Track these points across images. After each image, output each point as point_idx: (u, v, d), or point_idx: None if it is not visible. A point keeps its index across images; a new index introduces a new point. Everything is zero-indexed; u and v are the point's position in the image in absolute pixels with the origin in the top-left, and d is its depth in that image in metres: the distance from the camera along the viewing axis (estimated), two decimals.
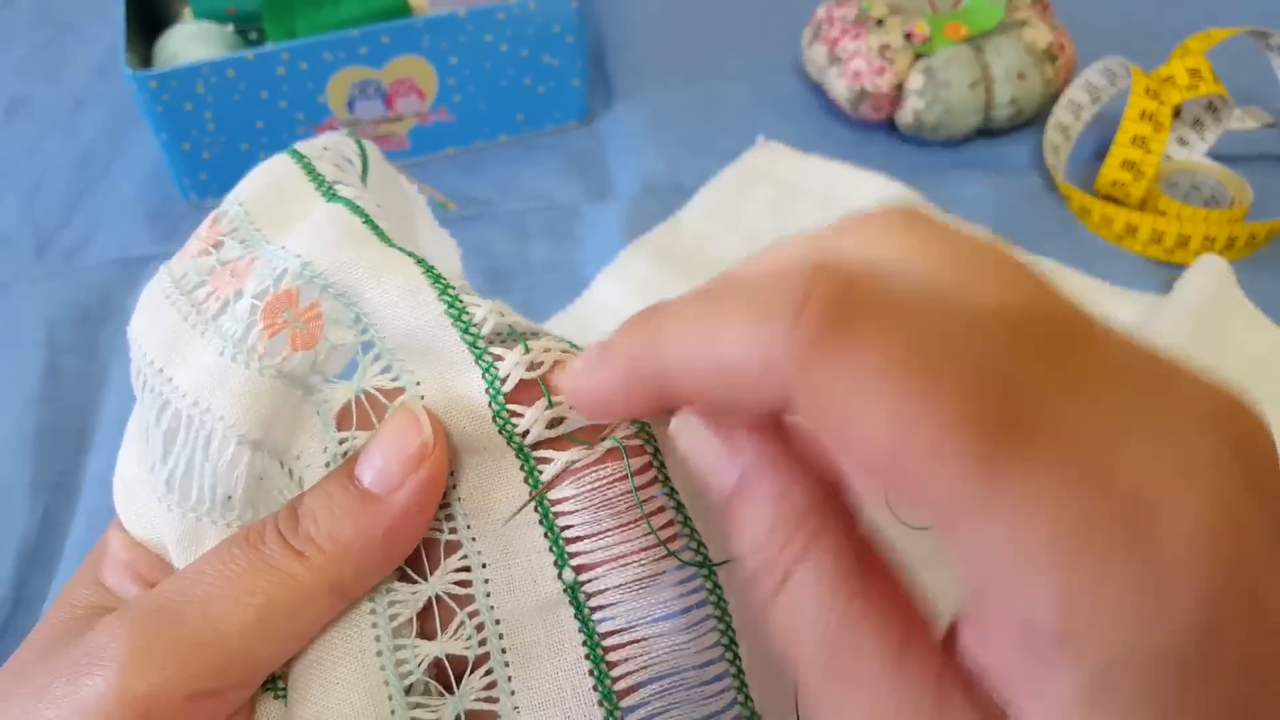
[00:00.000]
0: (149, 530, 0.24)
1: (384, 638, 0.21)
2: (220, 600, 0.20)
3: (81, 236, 0.56)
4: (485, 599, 0.22)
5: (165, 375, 0.22)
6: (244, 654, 0.20)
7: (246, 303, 0.22)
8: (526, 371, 0.21)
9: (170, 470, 0.22)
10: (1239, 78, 0.54)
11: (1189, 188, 0.53)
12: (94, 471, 0.45)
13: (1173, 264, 0.50)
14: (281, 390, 0.22)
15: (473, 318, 0.21)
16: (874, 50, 0.55)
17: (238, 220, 0.24)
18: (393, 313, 0.22)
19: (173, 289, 0.24)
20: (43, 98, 0.66)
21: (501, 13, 0.54)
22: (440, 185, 0.57)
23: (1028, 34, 0.56)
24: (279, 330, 0.22)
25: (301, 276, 0.22)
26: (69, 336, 0.50)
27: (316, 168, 0.25)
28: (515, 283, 0.51)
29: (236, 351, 0.22)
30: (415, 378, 0.22)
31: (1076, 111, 0.56)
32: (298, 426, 0.23)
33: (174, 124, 0.53)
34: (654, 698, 0.21)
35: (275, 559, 0.21)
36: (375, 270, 0.22)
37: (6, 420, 0.46)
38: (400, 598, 0.22)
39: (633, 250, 0.51)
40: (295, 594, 0.21)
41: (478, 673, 0.22)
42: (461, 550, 0.22)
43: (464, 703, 0.21)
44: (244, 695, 0.21)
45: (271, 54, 0.52)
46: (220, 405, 0.22)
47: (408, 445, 0.21)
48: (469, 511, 0.22)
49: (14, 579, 0.41)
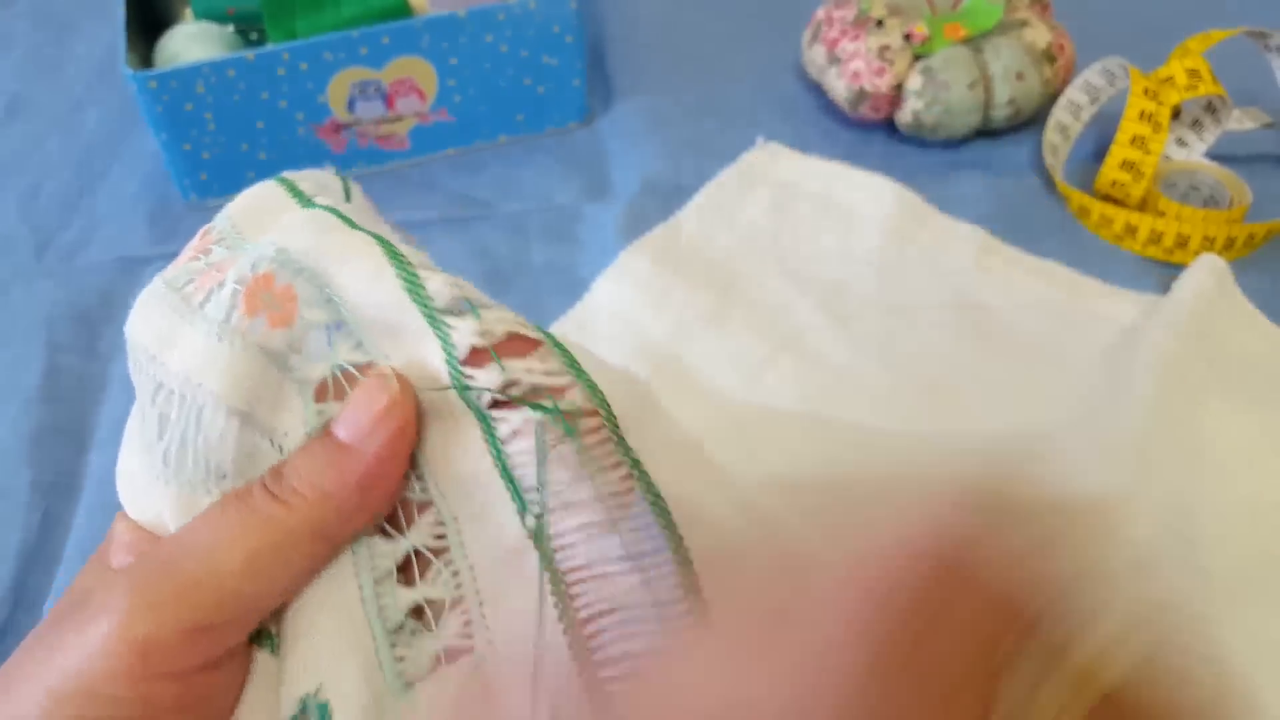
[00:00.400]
0: (150, 514, 0.25)
1: (366, 586, 0.24)
2: (212, 546, 0.23)
3: (81, 236, 0.56)
4: (460, 549, 0.24)
5: (159, 361, 0.25)
6: (235, 593, 0.22)
7: (229, 288, 0.24)
8: (477, 338, 0.23)
9: (166, 446, 0.24)
10: (1238, 78, 0.54)
11: (1188, 188, 0.53)
12: (94, 471, 0.45)
13: (1171, 264, 0.50)
14: (264, 366, 0.24)
15: (427, 289, 0.23)
16: (873, 51, 0.55)
17: (225, 230, 0.27)
18: (360, 292, 0.24)
19: (164, 289, 0.26)
20: (43, 98, 0.66)
21: (501, 13, 0.54)
22: (440, 186, 0.58)
23: (1027, 34, 0.56)
24: (258, 311, 0.24)
25: (276, 261, 0.24)
26: (69, 336, 0.50)
27: (298, 187, 0.27)
28: (515, 283, 0.51)
29: (221, 332, 0.24)
30: (383, 351, 0.24)
31: (1075, 112, 0.56)
32: (280, 404, 0.25)
33: (174, 124, 0.53)
34: (614, 626, 0.22)
35: (261, 507, 0.23)
36: (342, 252, 0.24)
37: (6, 420, 0.46)
38: (380, 552, 0.24)
39: (632, 251, 0.51)
40: (281, 537, 0.23)
41: (455, 611, 0.24)
42: (434, 507, 0.24)
43: (442, 640, 0.23)
44: (240, 634, 0.23)
45: (272, 54, 0.52)
46: (210, 380, 0.24)
47: (377, 400, 0.23)
48: (435, 472, 0.24)
49: (14, 579, 0.41)
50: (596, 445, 0.23)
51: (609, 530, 0.22)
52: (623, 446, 0.23)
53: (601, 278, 0.51)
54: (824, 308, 0.49)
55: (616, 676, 0.22)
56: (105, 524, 0.42)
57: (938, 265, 0.51)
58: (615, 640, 0.22)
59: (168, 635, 0.21)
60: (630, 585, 0.22)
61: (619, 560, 0.22)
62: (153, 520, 0.25)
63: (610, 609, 0.22)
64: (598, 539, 0.22)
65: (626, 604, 0.22)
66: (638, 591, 0.22)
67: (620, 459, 0.23)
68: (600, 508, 0.22)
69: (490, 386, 0.23)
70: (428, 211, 0.56)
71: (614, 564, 0.22)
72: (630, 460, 0.23)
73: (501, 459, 0.23)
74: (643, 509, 0.23)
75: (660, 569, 0.23)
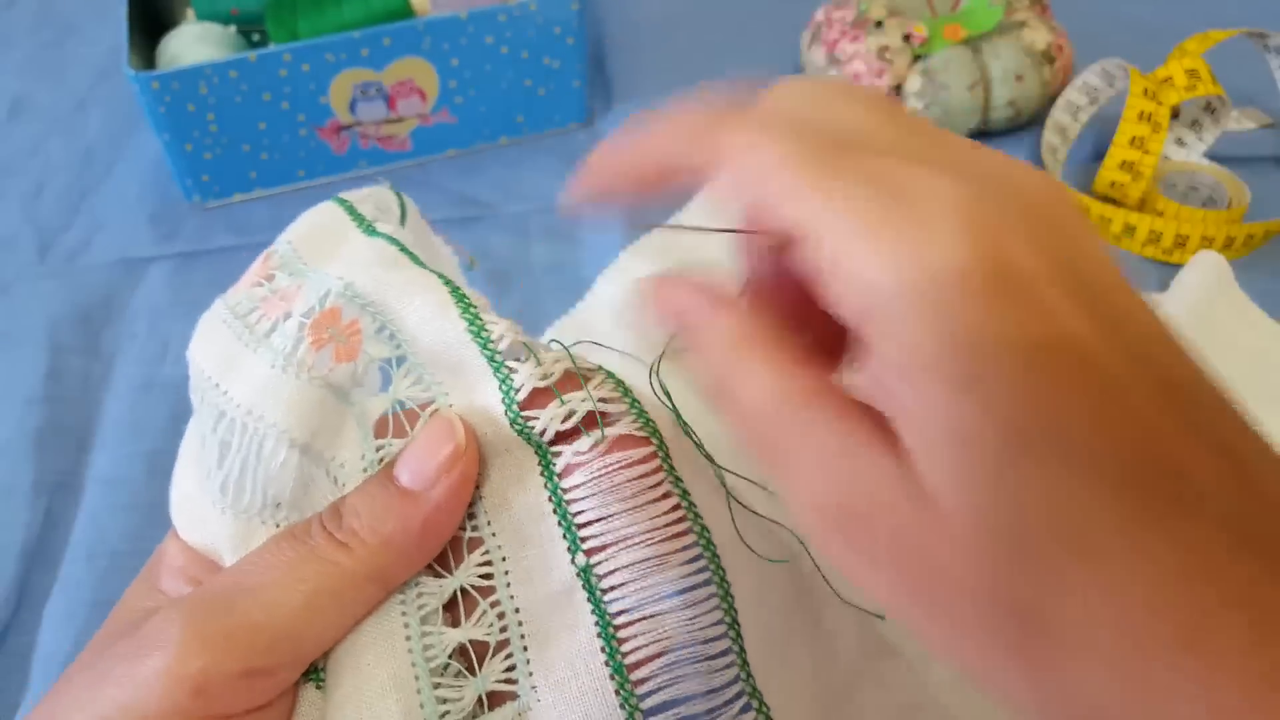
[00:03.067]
0: (203, 538, 0.25)
1: (412, 625, 0.23)
2: (270, 587, 0.22)
3: (84, 237, 0.56)
4: (506, 589, 0.23)
5: (221, 389, 0.25)
6: (292, 635, 0.22)
7: (295, 321, 0.25)
8: (539, 381, 0.23)
9: (225, 475, 0.24)
10: (1237, 79, 0.54)
11: (1187, 188, 0.53)
12: (96, 471, 0.45)
13: (1170, 264, 0.50)
14: (326, 399, 0.24)
15: (491, 334, 0.23)
16: (873, 52, 0.56)
17: (286, 256, 0.27)
18: (422, 329, 0.24)
19: (228, 314, 0.26)
20: (45, 98, 0.66)
21: (502, 14, 0.54)
22: (441, 187, 0.58)
23: (1026, 35, 0.56)
24: (324, 345, 0.24)
25: (343, 296, 0.25)
26: (71, 337, 0.50)
27: (358, 209, 0.27)
28: (516, 284, 0.51)
29: (286, 364, 0.24)
30: (444, 389, 0.24)
31: (1074, 113, 0.56)
32: (339, 435, 0.25)
33: (176, 125, 0.53)
34: (662, 670, 0.22)
35: (321, 549, 0.23)
36: (407, 290, 0.24)
37: (9, 420, 0.46)
38: (428, 590, 0.23)
39: (633, 252, 0.51)
40: (339, 581, 0.22)
41: (498, 656, 0.23)
42: (484, 546, 0.24)
43: (485, 684, 0.23)
44: (293, 675, 0.23)
45: (274, 55, 0.52)
46: (272, 412, 0.24)
47: (442, 447, 0.23)
48: (490, 509, 0.24)
49: (16, 579, 0.41)
50: (650, 474, 0.23)
51: (660, 567, 0.22)
52: (673, 475, 0.23)
53: (602, 278, 0.51)
54: None
55: None
56: (107, 524, 0.43)
57: None
58: (665, 686, 0.22)
59: (224, 676, 0.21)
60: (679, 622, 0.22)
61: (670, 597, 0.22)
62: (206, 545, 0.25)
63: (659, 652, 0.22)
64: (650, 575, 0.22)
65: (674, 644, 0.22)
66: (686, 630, 0.22)
67: (670, 489, 0.23)
68: (653, 542, 0.22)
69: (551, 420, 0.23)
70: (429, 212, 0.55)
71: (665, 601, 0.22)
72: (680, 491, 0.23)
73: (557, 494, 0.23)
74: (692, 541, 0.23)
75: (707, 603, 0.23)
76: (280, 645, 0.22)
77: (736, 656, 0.23)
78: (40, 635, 0.40)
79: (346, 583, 0.22)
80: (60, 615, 0.40)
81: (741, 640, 0.23)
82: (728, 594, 0.23)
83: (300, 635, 0.22)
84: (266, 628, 0.22)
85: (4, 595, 0.41)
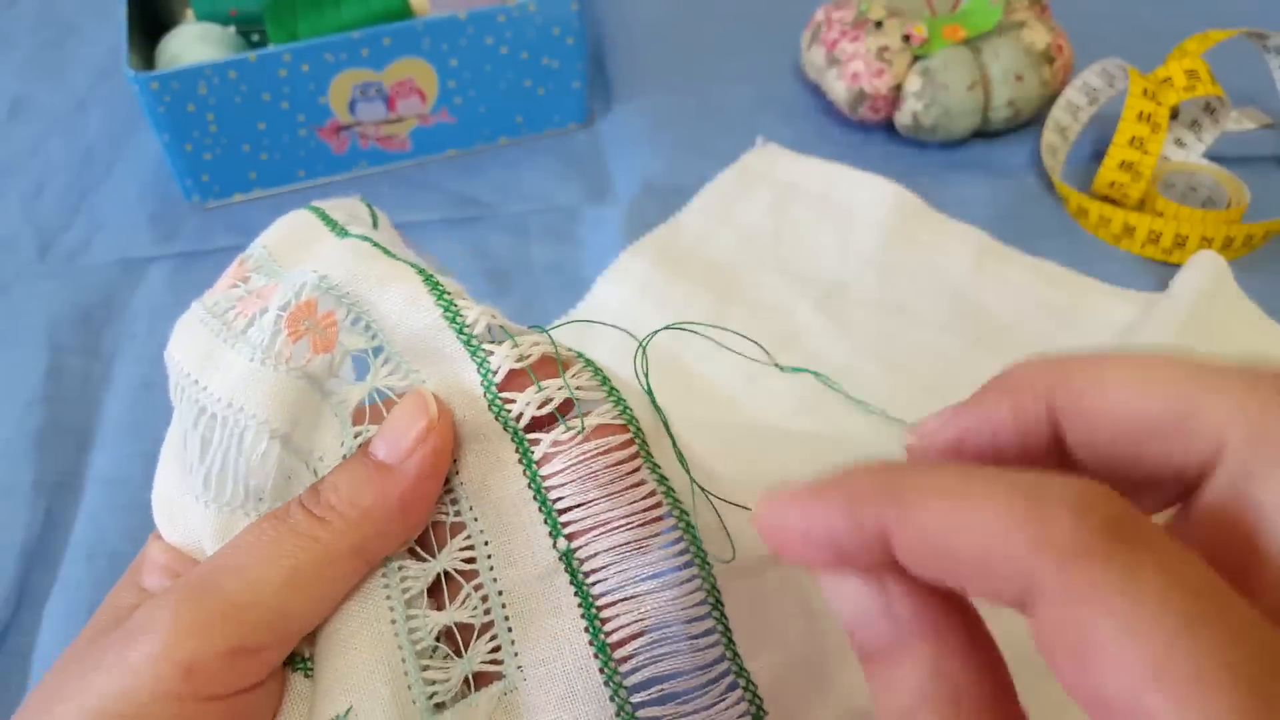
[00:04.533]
0: (186, 536, 0.26)
1: (397, 609, 0.24)
2: (253, 566, 0.22)
3: (84, 237, 0.56)
4: (489, 572, 0.24)
5: (201, 385, 0.25)
6: (277, 612, 0.22)
7: (271, 314, 0.25)
8: (515, 363, 0.23)
9: (207, 469, 0.24)
10: (1236, 79, 0.54)
11: (1186, 189, 0.53)
12: (96, 471, 0.45)
13: (1170, 264, 0.50)
14: (305, 390, 0.25)
15: (466, 319, 0.24)
16: (872, 52, 0.56)
17: (261, 259, 0.27)
18: (398, 319, 0.24)
19: (205, 314, 0.27)
20: (45, 99, 0.67)
21: (502, 15, 0.54)
22: (441, 187, 0.58)
23: (1026, 36, 0.56)
24: (301, 336, 0.25)
25: (319, 288, 0.25)
26: (71, 337, 0.50)
27: (330, 215, 0.28)
28: (515, 284, 0.51)
29: (264, 357, 0.24)
30: (420, 376, 0.24)
31: (1074, 113, 0.56)
32: (318, 427, 0.25)
33: (176, 125, 0.53)
34: (644, 649, 0.23)
35: (301, 525, 0.23)
36: (381, 280, 0.25)
37: (9, 420, 0.46)
38: (412, 573, 0.24)
39: (633, 252, 0.51)
40: (321, 555, 0.23)
41: (483, 638, 0.24)
42: (466, 530, 0.24)
43: (472, 665, 0.24)
44: (280, 655, 0.23)
45: (273, 56, 0.52)
46: (252, 404, 0.24)
47: (416, 421, 0.23)
48: (470, 494, 0.24)
49: (16, 578, 0.41)
50: (627, 461, 0.23)
51: (640, 550, 0.23)
52: (650, 462, 0.23)
53: (602, 278, 0.51)
54: (824, 308, 0.49)
55: (647, 702, 0.23)
56: (107, 524, 0.43)
57: (937, 266, 0.51)
58: (646, 664, 0.23)
59: (212, 656, 0.21)
60: (661, 603, 0.23)
61: (650, 579, 0.23)
62: (189, 543, 0.26)
63: (641, 631, 0.23)
64: (630, 557, 0.23)
65: (657, 624, 0.23)
66: (668, 609, 0.23)
67: (648, 475, 0.23)
68: (632, 527, 0.23)
69: (527, 405, 0.23)
70: (429, 212, 0.56)
71: (645, 583, 0.23)
72: (657, 476, 0.23)
73: (536, 481, 0.24)
74: (670, 524, 0.23)
75: (689, 584, 0.23)
76: (266, 621, 0.22)
77: (721, 636, 0.23)
78: (40, 635, 0.40)
79: (328, 557, 0.22)
80: (60, 615, 0.40)
81: (726, 620, 0.23)
82: (710, 575, 0.23)
83: (285, 611, 0.22)
84: (252, 606, 0.22)
85: (4, 595, 0.41)
